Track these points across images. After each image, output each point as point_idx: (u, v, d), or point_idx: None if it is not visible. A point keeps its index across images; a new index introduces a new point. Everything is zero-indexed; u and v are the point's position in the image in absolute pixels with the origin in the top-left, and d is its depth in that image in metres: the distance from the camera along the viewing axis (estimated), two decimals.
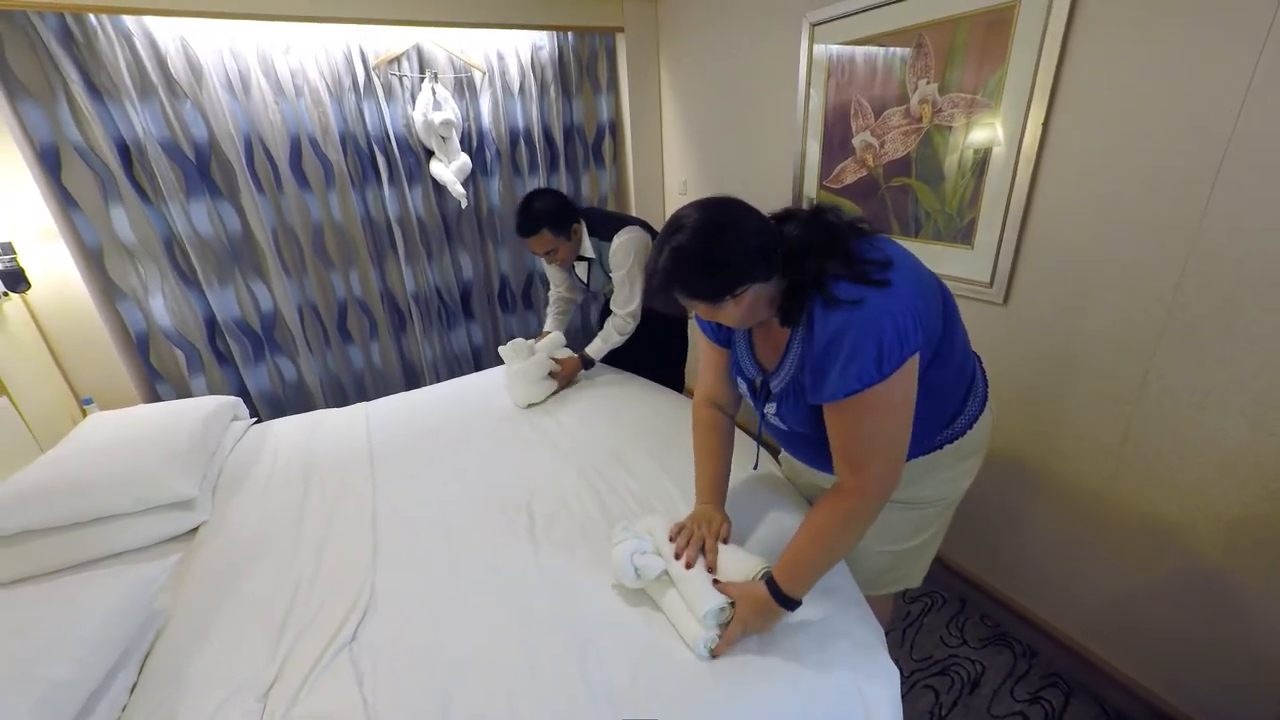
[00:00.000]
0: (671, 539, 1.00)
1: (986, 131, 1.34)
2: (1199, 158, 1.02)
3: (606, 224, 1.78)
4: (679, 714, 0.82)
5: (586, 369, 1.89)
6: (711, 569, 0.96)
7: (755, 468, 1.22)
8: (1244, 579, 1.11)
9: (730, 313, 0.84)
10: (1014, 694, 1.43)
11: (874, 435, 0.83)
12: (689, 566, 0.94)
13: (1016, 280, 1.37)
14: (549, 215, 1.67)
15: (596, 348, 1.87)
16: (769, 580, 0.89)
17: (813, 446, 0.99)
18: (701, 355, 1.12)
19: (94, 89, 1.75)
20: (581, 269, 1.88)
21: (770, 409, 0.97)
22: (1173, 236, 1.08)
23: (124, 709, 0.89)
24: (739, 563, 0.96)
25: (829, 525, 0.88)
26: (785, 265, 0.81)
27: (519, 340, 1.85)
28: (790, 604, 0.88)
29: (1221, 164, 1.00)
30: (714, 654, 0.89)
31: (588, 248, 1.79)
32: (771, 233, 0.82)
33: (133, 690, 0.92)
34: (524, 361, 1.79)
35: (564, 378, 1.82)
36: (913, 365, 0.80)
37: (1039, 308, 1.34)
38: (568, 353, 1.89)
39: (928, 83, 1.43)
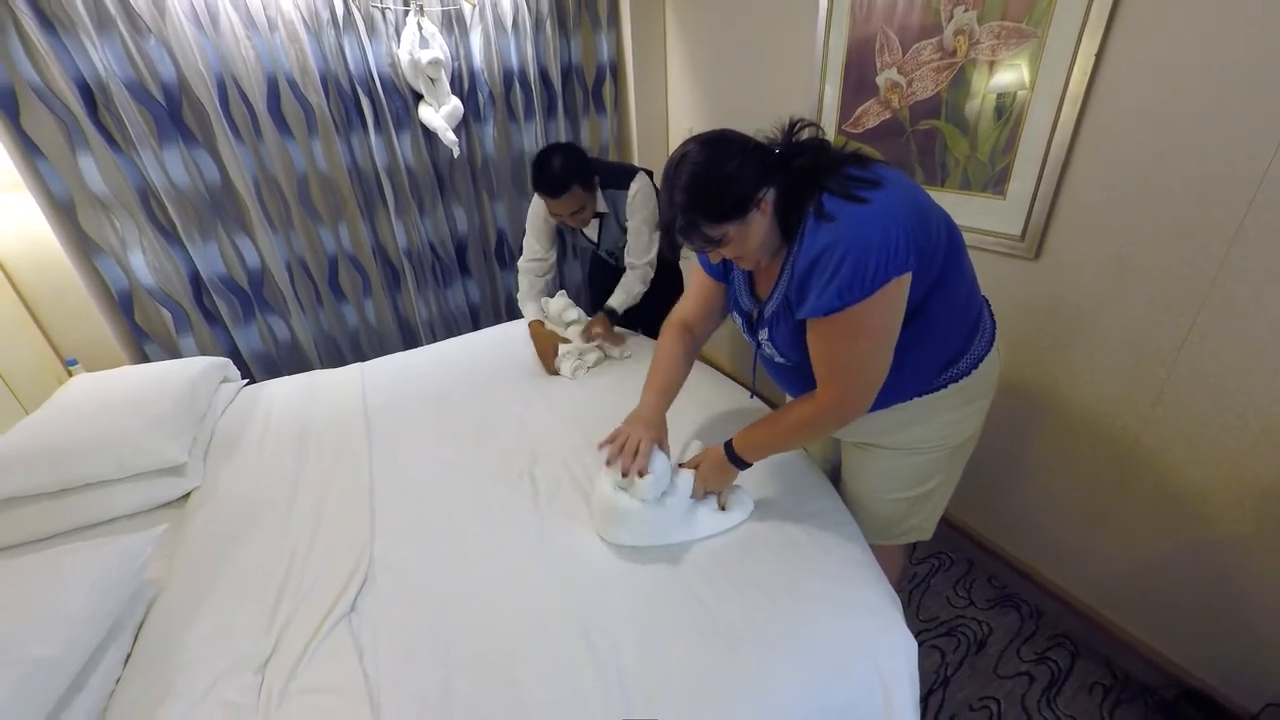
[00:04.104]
0: (602, 447, 1.05)
1: (1029, 67, 1.21)
2: (1273, 98, 0.91)
3: (616, 173, 1.66)
4: (691, 691, 0.79)
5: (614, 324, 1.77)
6: (641, 473, 0.99)
7: (752, 396, 1.29)
8: (1273, 549, 1.07)
9: (757, 228, 0.82)
10: (1020, 654, 1.42)
11: (849, 356, 0.84)
12: (624, 475, 0.99)
13: (1050, 234, 1.28)
14: (577, 171, 1.51)
15: (620, 300, 1.74)
16: (727, 444, 1.01)
17: (810, 383, 0.95)
18: (691, 285, 1.14)
19: (46, 21, 1.59)
20: (591, 227, 1.75)
21: (764, 335, 0.96)
22: (1234, 186, 0.98)
23: (118, 681, 0.87)
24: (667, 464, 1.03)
25: (790, 421, 0.96)
26: (781, 166, 0.82)
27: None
28: (741, 463, 1.01)
29: None
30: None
31: (601, 202, 1.67)
32: (761, 143, 0.84)
33: (127, 661, 0.90)
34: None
35: (605, 338, 1.69)
36: (898, 289, 0.78)
37: (1073, 264, 1.25)
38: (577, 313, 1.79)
39: (965, 10, 1.29)
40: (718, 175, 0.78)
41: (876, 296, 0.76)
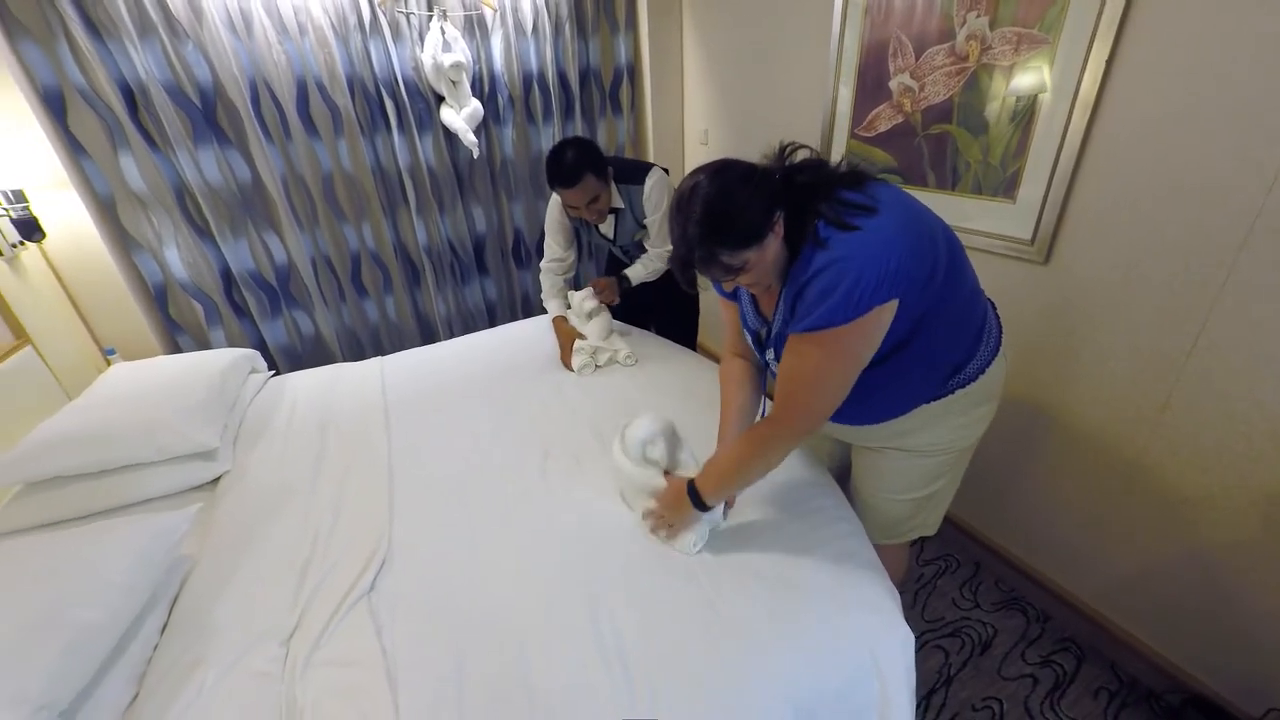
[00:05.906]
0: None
1: (1040, 72, 1.22)
2: None
3: (631, 168, 1.69)
4: (691, 678, 0.82)
5: (622, 292, 1.82)
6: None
7: (761, 415, 1.26)
8: (1278, 555, 1.07)
9: (772, 251, 0.84)
10: (1025, 657, 1.43)
11: (816, 375, 0.87)
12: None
13: (1060, 239, 1.28)
14: (589, 160, 1.53)
15: (638, 272, 1.78)
16: (690, 484, 1.00)
17: None
18: (723, 313, 1.14)
19: (93, 27, 1.68)
20: (606, 223, 1.78)
21: (770, 355, 0.99)
22: (1243, 193, 0.98)
23: (155, 648, 0.93)
24: None
25: (747, 448, 0.97)
26: (785, 188, 0.83)
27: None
28: (700, 503, 0.99)
29: None
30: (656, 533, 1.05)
31: (616, 197, 1.69)
32: (765, 168, 0.85)
33: (163, 631, 0.96)
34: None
35: (604, 295, 1.78)
36: (879, 317, 0.81)
37: (1083, 269, 1.26)
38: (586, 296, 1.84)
39: (977, 16, 1.30)
40: (733, 204, 0.79)
41: (859, 322, 0.79)
